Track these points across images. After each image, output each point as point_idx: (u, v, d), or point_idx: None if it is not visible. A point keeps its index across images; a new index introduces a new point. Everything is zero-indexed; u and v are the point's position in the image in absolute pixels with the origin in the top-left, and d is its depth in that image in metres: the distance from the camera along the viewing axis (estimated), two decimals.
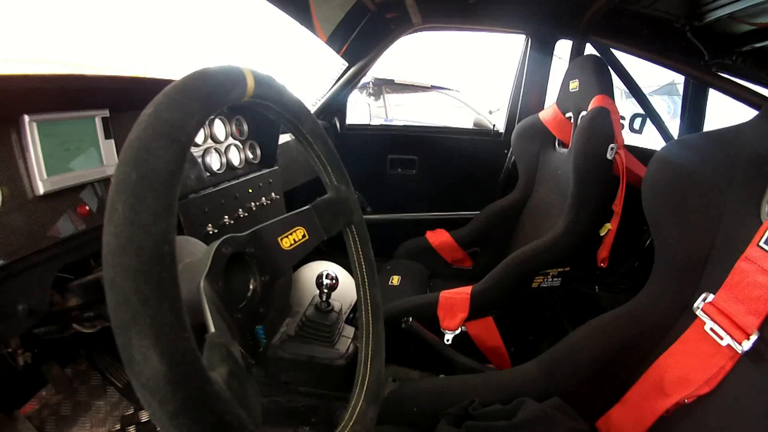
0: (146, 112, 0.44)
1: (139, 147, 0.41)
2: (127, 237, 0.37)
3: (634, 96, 2.44)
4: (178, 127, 0.44)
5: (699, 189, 0.98)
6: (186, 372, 0.37)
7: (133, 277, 0.36)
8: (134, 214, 0.38)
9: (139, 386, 0.36)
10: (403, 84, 6.40)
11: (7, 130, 0.85)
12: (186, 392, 0.36)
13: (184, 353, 0.37)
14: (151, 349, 0.35)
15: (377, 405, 0.72)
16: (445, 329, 1.61)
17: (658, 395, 0.93)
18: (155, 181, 0.40)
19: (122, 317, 0.36)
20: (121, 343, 0.36)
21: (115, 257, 0.37)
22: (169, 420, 0.36)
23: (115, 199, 0.39)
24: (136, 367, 0.36)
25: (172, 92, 0.46)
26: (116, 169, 0.40)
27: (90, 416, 1.49)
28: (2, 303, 0.83)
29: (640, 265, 2.23)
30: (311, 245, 0.71)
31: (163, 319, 0.37)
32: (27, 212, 0.88)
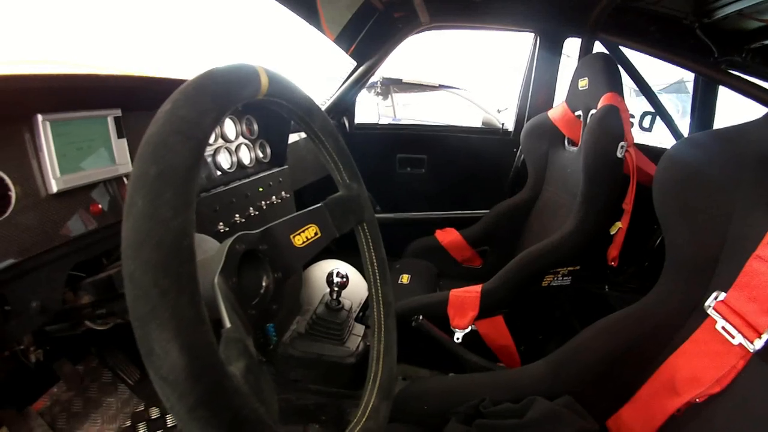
0: (163, 109, 0.44)
1: (157, 143, 0.41)
2: (146, 231, 0.37)
3: (643, 94, 2.43)
4: (195, 123, 0.44)
5: (708, 188, 0.97)
6: (205, 365, 0.37)
7: (152, 271, 0.37)
8: (154, 208, 0.38)
9: (157, 379, 0.36)
10: (411, 83, 6.38)
11: (20, 129, 0.86)
12: (205, 386, 0.37)
13: (204, 347, 0.38)
14: (171, 342, 0.36)
15: (390, 402, 0.72)
16: (455, 328, 1.61)
17: (669, 394, 0.93)
18: (174, 176, 0.40)
19: (142, 310, 0.36)
20: (140, 336, 0.37)
21: (135, 251, 0.37)
22: (188, 413, 0.36)
23: (134, 194, 0.39)
24: (156, 360, 0.36)
25: (188, 90, 0.46)
26: (135, 165, 0.41)
27: (101, 413, 1.51)
28: (15, 300, 0.84)
29: (650, 265, 2.22)
30: (323, 243, 0.71)
31: (183, 312, 0.37)
32: (40, 211, 0.89)
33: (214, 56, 10.00)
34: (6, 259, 0.82)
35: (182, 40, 12.04)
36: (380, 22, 2.31)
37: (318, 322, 1.39)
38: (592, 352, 1.08)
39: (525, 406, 1.02)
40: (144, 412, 1.57)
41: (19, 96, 0.85)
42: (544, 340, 1.84)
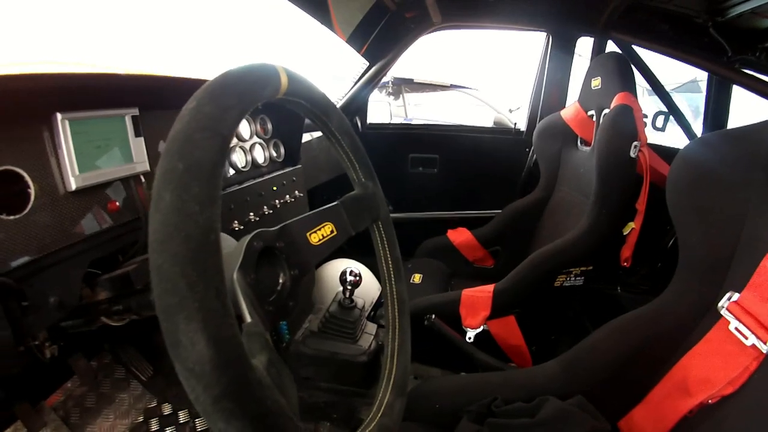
0: (188, 107, 0.45)
1: (184, 139, 0.42)
2: (174, 225, 0.38)
3: (656, 93, 2.41)
4: (219, 120, 0.45)
5: (720, 188, 0.97)
6: (231, 357, 0.38)
7: (181, 264, 0.37)
8: (181, 202, 0.39)
9: (183, 370, 0.37)
10: (422, 83, 6.38)
11: (39, 128, 0.88)
12: (230, 377, 0.37)
13: (230, 339, 0.38)
14: (198, 334, 0.36)
15: (404, 398, 0.73)
16: (467, 327, 1.61)
17: (682, 395, 0.92)
18: (200, 171, 0.41)
19: (169, 302, 0.37)
20: (166, 328, 0.37)
21: (163, 244, 0.38)
22: (213, 404, 0.37)
23: (161, 189, 0.40)
24: (183, 352, 0.37)
25: (212, 88, 0.47)
26: (161, 160, 0.42)
27: (113, 408, 1.52)
28: (34, 295, 0.85)
29: (662, 266, 2.20)
30: (339, 241, 0.72)
31: (210, 304, 0.38)
32: (59, 208, 0.90)
33: (222, 56, 10.03)
34: (25, 256, 0.83)
35: (187, 40, 12.04)
36: (392, 22, 2.32)
37: (331, 321, 1.39)
38: (605, 352, 1.08)
39: (537, 405, 1.02)
40: (156, 408, 1.59)
41: (38, 95, 0.87)
42: (555, 340, 1.84)
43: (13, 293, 0.81)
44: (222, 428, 0.37)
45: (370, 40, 2.36)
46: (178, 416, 1.57)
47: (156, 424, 1.54)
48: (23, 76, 0.81)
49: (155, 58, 4.24)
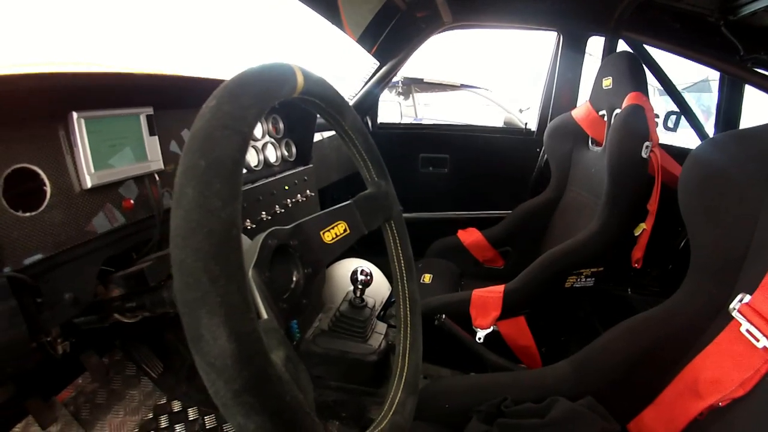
0: (209, 105, 0.45)
1: (205, 137, 0.43)
2: (197, 220, 0.39)
3: (668, 93, 2.39)
4: (240, 118, 0.45)
5: (733, 189, 0.96)
6: (252, 352, 0.38)
7: (203, 259, 0.38)
8: (204, 198, 0.39)
9: (204, 365, 0.37)
10: (432, 83, 6.37)
11: (55, 126, 0.89)
12: (251, 372, 0.37)
13: (251, 334, 0.39)
14: (221, 328, 0.37)
15: (415, 397, 0.73)
16: (477, 327, 1.61)
17: (692, 398, 0.92)
18: (222, 168, 0.41)
19: (191, 296, 0.37)
20: (188, 322, 0.38)
21: (186, 240, 0.38)
22: (233, 398, 0.37)
23: (184, 185, 0.40)
24: (205, 346, 0.37)
25: (231, 86, 0.48)
26: (183, 157, 0.42)
27: (124, 405, 1.53)
28: (49, 292, 0.86)
29: (673, 268, 2.19)
30: (352, 240, 0.72)
31: (232, 299, 0.38)
32: (74, 206, 0.91)
33: (224, 55, 10.05)
34: (40, 253, 0.85)
35: (186, 39, 12.10)
36: (403, 21, 2.31)
37: (341, 320, 1.39)
38: (615, 353, 1.08)
39: (547, 406, 1.01)
40: (166, 404, 1.59)
41: (54, 94, 0.88)
42: (566, 341, 1.83)
43: (29, 290, 0.82)
44: (241, 423, 0.38)
45: (381, 39, 2.36)
46: (188, 413, 1.57)
47: (165, 420, 1.55)
48: (39, 75, 0.82)
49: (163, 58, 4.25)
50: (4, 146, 0.80)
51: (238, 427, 0.38)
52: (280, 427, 0.39)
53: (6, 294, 0.77)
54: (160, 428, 1.52)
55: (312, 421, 0.43)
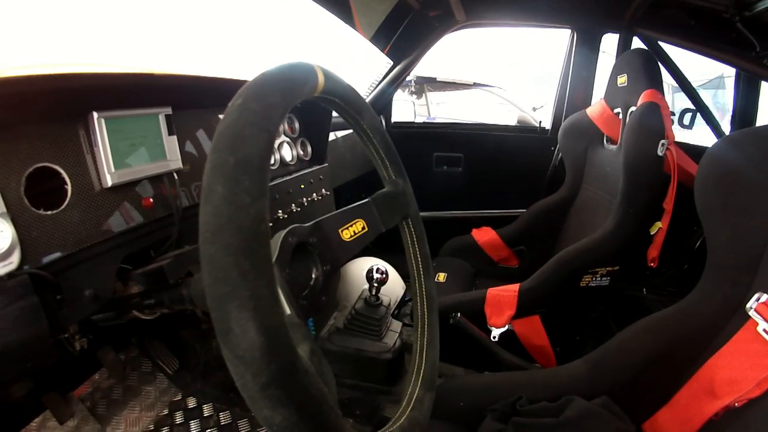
0: (235, 103, 0.46)
1: (233, 134, 0.43)
2: (227, 216, 0.39)
3: (683, 90, 2.37)
4: (266, 117, 0.46)
5: (750, 187, 0.95)
6: (280, 345, 0.39)
7: (233, 253, 0.38)
8: (233, 195, 0.40)
9: (233, 358, 0.38)
10: (445, 82, 6.37)
11: (75, 126, 0.90)
12: (279, 365, 0.38)
13: (279, 327, 0.39)
14: (250, 322, 0.37)
15: (433, 393, 0.73)
16: (492, 326, 1.61)
17: (707, 398, 0.91)
18: (250, 165, 0.42)
19: (221, 291, 0.38)
20: (217, 316, 0.38)
21: (215, 235, 0.39)
22: (261, 391, 0.38)
23: (213, 181, 0.41)
24: (234, 339, 0.38)
25: (257, 85, 0.48)
26: (211, 154, 0.43)
27: (139, 401, 1.55)
28: (69, 288, 0.88)
29: (689, 268, 2.18)
30: (370, 238, 0.72)
31: (262, 293, 0.39)
32: (94, 204, 0.93)
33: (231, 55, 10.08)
34: (61, 250, 0.86)
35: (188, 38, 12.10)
36: (416, 20, 2.31)
37: (357, 317, 1.40)
38: (631, 353, 1.07)
39: (562, 405, 1.01)
40: (181, 401, 1.61)
41: (75, 94, 0.89)
42: (580, 341, 1.82)
43: (50, 286, 0.83)
44: (267, 415, 0.38)
45: (394, 39, 2.36)
46: (203, 410, 1.59)
47: (180, 417, 1.56)
48: (61, 75, 0.84)
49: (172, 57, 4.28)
50: (26, 145, 0.82)
51: (264, 420, 0.39)
52: (306, 420, 0.40)
53: (28, 291, 0.78)
54: (175, 424, 1.54)
55: (336, 415, 0.43)
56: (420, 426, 0.64)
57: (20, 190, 0.80)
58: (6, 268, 0.76)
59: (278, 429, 0.39)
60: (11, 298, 0.76)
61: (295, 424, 0.39)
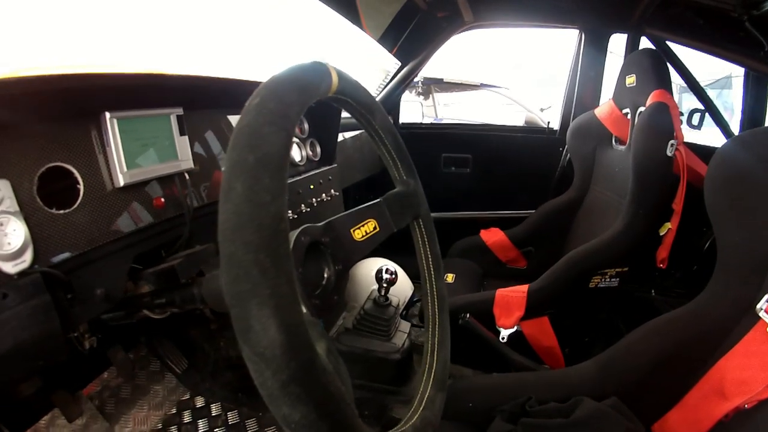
0: (253, 102, 0.46)
1: (251, 133, 0.44)
2: (247, 214, 0.39)
3: (692, 90, 2.36)
4: (284, 116, 0.46)
5: (759, 188, 0.95)
6: (300, 343, 0.39)
7: (254, 251, 0.39)
8: (253, 193, 0.40)
9: (253, 355, 0.38)
10: (452, 83, 6.36)
11: (87, 126, 0.91)
12: (299, 362, 0.38)
13: (299, 325, 0.39)
14: (271, 319, 0.37)
15: (444, 393, 0.73)
16: (501, 327, 1.61)
17: (717, 399, 0.91)
18: (270, 163, 0.42)
19: (241, 288, 0.38)
20: (237, 313, 0.38)
21: (235, 233, 0.39)
22: (281, 389, 0.38)
23: (232, 180, 0.41)
24: (254, 337, 0.38)
25: (274, 84, 0.49)
26: (230, 152, 0.43)
27: (148, 400, 1.56)
28: (81, 287, 0.89)
29: (698, 269, 2.17)
30: (381, 238, 0.72)
31: (282, 290, 0.39)
32: (106, 204, 0.93)
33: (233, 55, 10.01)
34: (73, 249, 0.87)
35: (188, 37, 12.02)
36: (423, 21, 2.32)
37: (366, 318, 1.39)
38: (641, 354, 1.07)
39: (571, 406, 1.01)
40: (189, 400, 1.62)
41: (88, 94, 0.90)
42: (589, 343, 1.81)
43: (62, 285, 0.84)
44: (286, 413, 0.38)
45: (402, 40, 2.36)
46: (211, 409, 1.60)
47: (188, 416, 1.57)
48: (73, 76, 0.84)
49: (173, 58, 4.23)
50: (38, 145, 0.83)
51: (282, 418, 0.39)
52: (325, 417, 0.40)
53: (40, 289, 0.79)
54: (183, 423, 1.55)
55: (353, 413, 0.44)
56: (432, 425, 0.64)
57: (33, 190, 0.81)
58: (18, 267, 0.77)
59: (297, 427, 0.39)
60: (24, 297, 0.76)
61: (314, 422, 0.39)
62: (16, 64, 0.89)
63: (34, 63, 0.94)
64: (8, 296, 0.74)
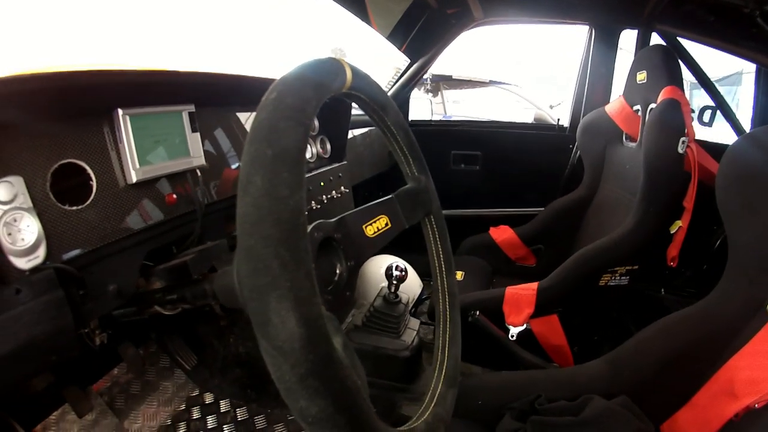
0: (270, 97, 0.47)
1: (270, 127, 0.44)
2: (267, 208, 0.40)
3: (703, 87, 2.33)
4: (301, 111, 0.46)
5: None
6: (318, 336, 0.39)
7: (274, 245, 0.39)
8: (272, 187, 0.40)
9: (271, 348, 0.38)
10: (460, 80, 6.35)
11: (100, 122, 0.92)
12: (317, 356, 0.38)
13: (317, 318, 0.40)
14: (290, 312, 0.38)
15: (455, 390, 0.73)
16: (510, 325, 1.60)
17: (727, 398, 0.90)
18: (288, 157, 0.42)
19: (261, 282, 0.38)
20: (256, 307, 0.39)
21: (254, 226, 0.40)
22: (299, 382, 0.38)
23: (251, 173, 0.41)
24: (272, 330, 0.38)
25: (291, 80, 0.49)
26: (248, 146, 0.43)
27: (157, 396, 1.58)
28: (93, 283, 0.89)
29: (708, 268, 2.15)
30: (393, 234, 0.72)
31: (301, 284, 0.39)
32: (119, 200, 0.94)
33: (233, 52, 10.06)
34: (86, 245, 0.87)
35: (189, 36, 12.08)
36: (432, 18, 2.31)
37: (375, 315, 1.39)
38: (650, 353, 1.07)
39: (581, 404, 1.01)
40: (199, 396, 1.64)
41: (100, 91, 0.90)
42: (598, 341, 1.81)
43: (74, 281, 0.85)
44: (303, 406, 0.39)
45: (411, 37, 2.36)
46: (220, 405, 1.61)
47: (198, 412, 1.59)
48: (86, 72, 0.85)
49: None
50: (52, 142, 0.83)
51: (299, 411, 0.39)
52: (342, 411, 0.40)
53: (53, 285, 0.80)
54: (192, 419, 1.56)
55: (369, 407, 0.44)
56: (444, 422, 0.65)
57: (46, 186, 0.81)
58: (32, 263, 0.77)
59: (313, 420, 0.39)
60: (37, 292, 0.77)
61: (331, 415, 0.39)
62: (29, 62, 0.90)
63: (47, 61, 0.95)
64: (21, 292, 0.75)
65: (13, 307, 0.74)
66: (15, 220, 0.75)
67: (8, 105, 0.74)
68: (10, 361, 0.74)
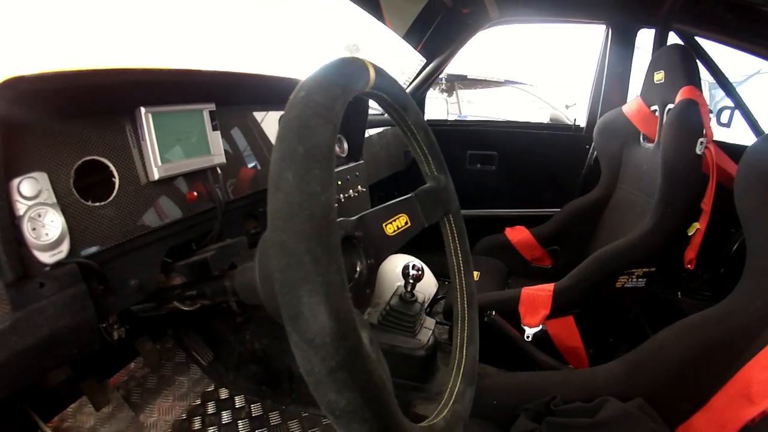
0: (299, 96, 0.47)
1: (300, 125, 0.44)
2: (299, 203, 0.40)
3: (721, 87, 2.31)
4: (330, 108, 0.47)
5: None
6: (348, 330, 0.40)
7: (306, 240, 0.40)
8: (304, 183, 0.41)
9: (302, 342, 0.39)
10: (475, 79, 6.34)
11: (123, 120, 0.93)
12: (347, 349, 0.39)
13: (347, 312, 0.40)
14: (321, 306, 0.38)
15: (473, 388, 0.74)
16: (526, 326, 1.60)
17: (744, 403, 0.89)
18: (319, 154, 0.43)
19: (293, 276, 0.39)
20: (288, 301, 0.39)
21: (287, 222, 0.40)
22: (328, 375, 0.39)
23: (283, 170, 0.42)
24: (303, 324, 0.39)
25: (319, 78, 0.50)
26: (279, 143, 0.44)
27: (173, 391, 1.60)
28: (115, 279, 0.91)
29: (726, 272, 2.13)
30: (412, 233, 0.73)
31: (332, 278, 0.40)
32: (141, 197, 0.95)
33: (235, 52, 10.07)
34: (108, 241, 0.89)
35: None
36: (448, 18, 2.31)
37: (391, 314, 1.40)
38: (667, 356, 1.06)
39: (596, 406, 1.01)
40: (214, 392, 1.65)
41: (124, 89, 0.92)
42: (614, 344, 1.79)
43: (96, 276, 0.87)
44: (332, 399, 0.39)
45: (426, 37, 2.36)
46: (235, 401, 1.63)
47: (213, 407, 1.60)
48: (109, 71, 0.86)
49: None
50: (75, 139, 0.85)
51: (327, 404, 0.40)
52: (369, 404, 0.41)
53: (76, 279, 0.81)
54: (207, 414, 1.58)
55: (394, 401, 0.45)
56: (462, 419, 0.65)
57: (70, 182, 0.83)
58: (55, 257, 0.79)
59: (341, 413, 0.40)
60: (60, 286, 0.79)
61: (359, 408, 0.40)
62: (54, 61, 0.91)
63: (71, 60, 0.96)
64: (45, 285, 0.77)
65: (36, 300, 0.75)
66: (39, 215, 0.76)
67: (33, 103, 0.75)
68: (33, 353, 0.75)
